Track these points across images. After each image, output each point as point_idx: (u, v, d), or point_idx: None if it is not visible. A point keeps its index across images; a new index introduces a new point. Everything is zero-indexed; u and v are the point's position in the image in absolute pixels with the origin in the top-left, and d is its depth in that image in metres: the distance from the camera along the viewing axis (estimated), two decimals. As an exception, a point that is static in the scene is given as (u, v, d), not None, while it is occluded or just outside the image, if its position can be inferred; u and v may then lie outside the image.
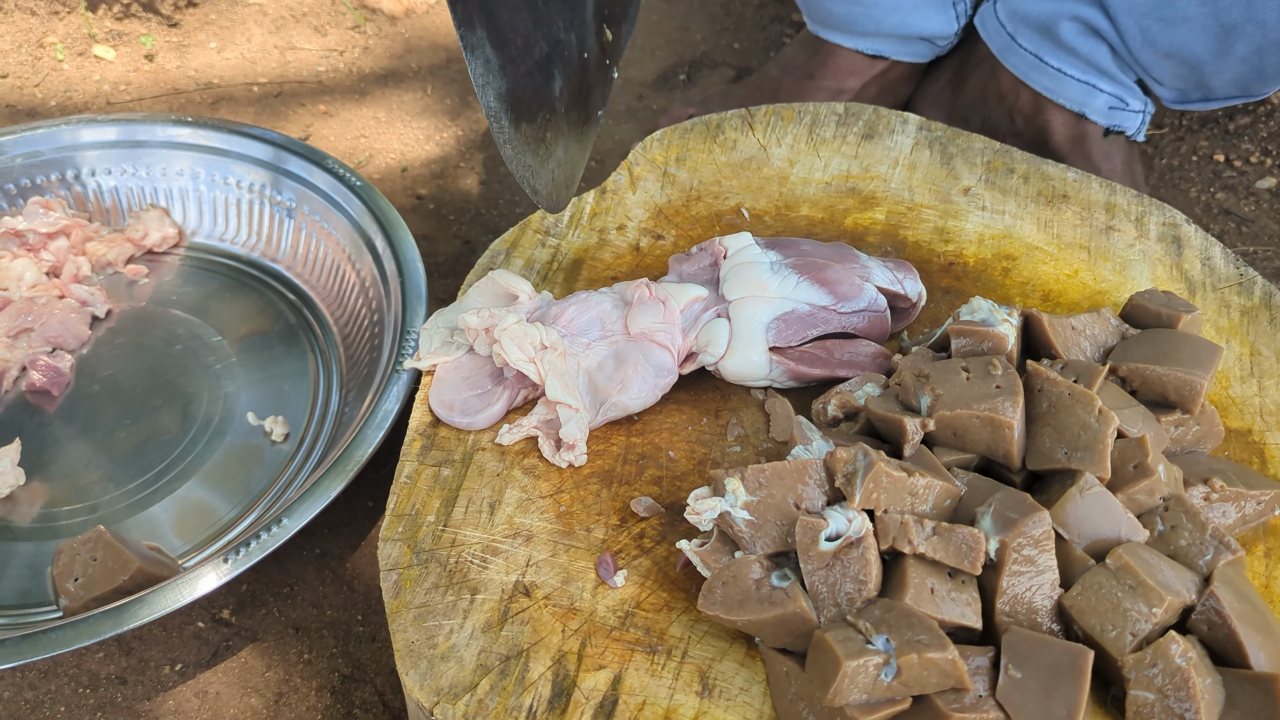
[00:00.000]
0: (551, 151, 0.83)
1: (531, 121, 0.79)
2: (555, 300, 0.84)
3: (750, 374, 0.80)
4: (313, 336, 1.08)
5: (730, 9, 1.59)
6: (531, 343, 0.78)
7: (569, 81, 0.82)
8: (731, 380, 0.81)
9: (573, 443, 0.76)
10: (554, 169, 0.83)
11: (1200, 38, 1.05)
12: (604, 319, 0.82)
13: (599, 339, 0.81)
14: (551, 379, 0.77)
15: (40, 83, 1.43)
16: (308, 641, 0.90)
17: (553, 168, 0.83)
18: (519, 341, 0.78)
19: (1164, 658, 0.59)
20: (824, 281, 0.81)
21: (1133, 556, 0.62)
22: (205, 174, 1.15)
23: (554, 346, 0.79)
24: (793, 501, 0.66)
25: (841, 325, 0.81)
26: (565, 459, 0.77)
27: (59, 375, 1.03)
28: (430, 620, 0.68)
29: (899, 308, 0.85)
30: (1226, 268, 0.89)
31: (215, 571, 0.80)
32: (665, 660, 0.66)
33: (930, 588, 0.62)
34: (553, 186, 0.84)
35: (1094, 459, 0.66)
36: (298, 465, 0.98)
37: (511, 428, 0.78)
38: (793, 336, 0.80)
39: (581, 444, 0.77)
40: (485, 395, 0.80)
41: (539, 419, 0.78)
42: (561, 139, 0.83)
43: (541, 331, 0.79)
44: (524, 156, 0.80)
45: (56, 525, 0.93)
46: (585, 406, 0.78)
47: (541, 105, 0.80)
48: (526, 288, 0.84)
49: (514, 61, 0.76)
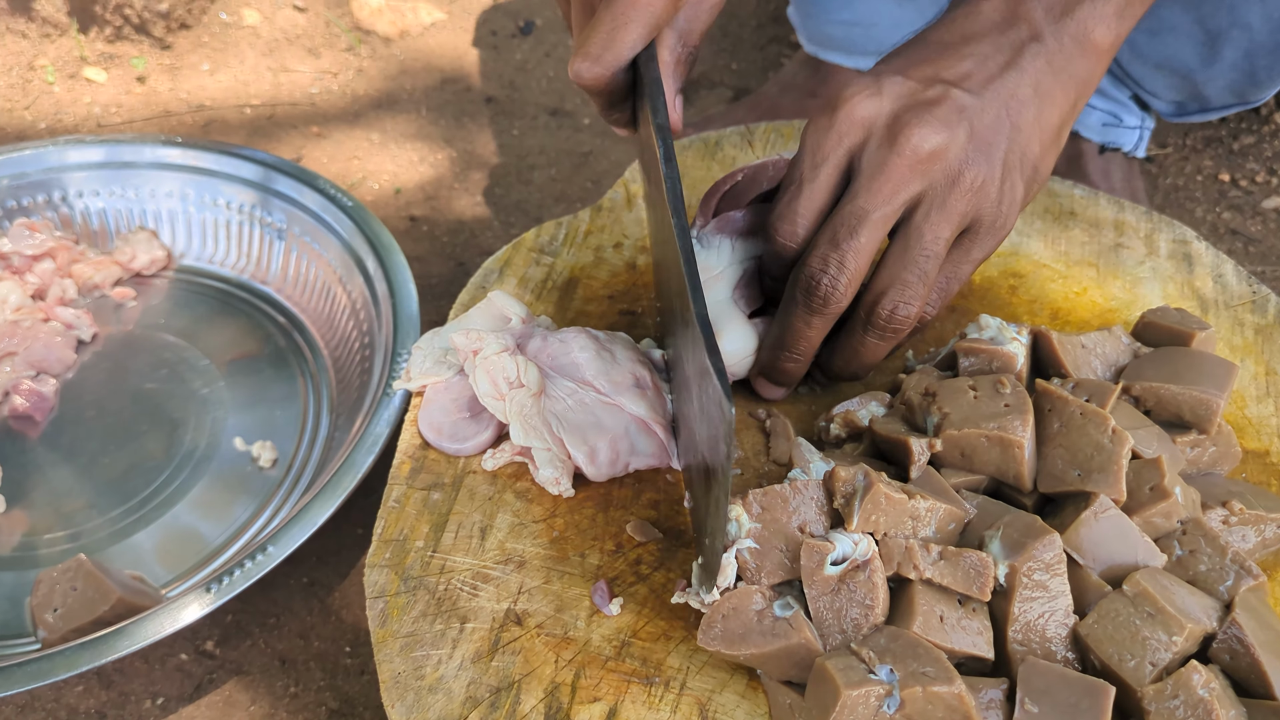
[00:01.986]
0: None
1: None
2: (540, 331, 0.80)
3: (747, 348, 0.77)
4: (302, 360, 1.06)
5: (728, 30, 1.58)
6: (506, 377, 0.75)
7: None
8: (740, 370, 0.78)
9: (552, 479, 0.73)
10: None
11: (1188, 46, 1.04)
12: (582, 365, 0.77)
13: (577, 386, 0.77)
14: (515, 422, 0.73)
15: (30, 105, 1.41)
16: (294, 674, 0.87)
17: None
18: (491, 374, 0.75)
19: (1185, 689, 0.56)
20: (748, 232, 0.79)
21: (1151, 582, 0.60)
22: (194, 195, 1.13)
23: (529, 385, 0.75)
24: (796, 526, 0.63)
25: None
26: (554, 489, 0.74)
27: (43, 400, 1.00)
28: (418, 650, 0.65)
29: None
30: (1239, 285, 0.86)
31: (198, 601, 0.77)
32: (663, 692, 0.63)
33: (939, 615, 0.59)
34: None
35: (1108, 480, 0.63)
36: (285, 492, 0.95)
37: (495, 452, 0.76)
38: (756, 296, 0.78)
39: (565, 480, 0.73)
40: (475, 420, 0.77)
41: (515, 449, 0.75)
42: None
43: (520, 366, 0.75)
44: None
45: (36, 554, 0.91)
46: (555, 446, 0.74)
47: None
48: (519, 311, 0.82)
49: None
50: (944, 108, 0.68)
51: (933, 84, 0.69)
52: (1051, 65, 0.71)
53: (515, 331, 0.80)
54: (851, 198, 0.69)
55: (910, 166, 0.67)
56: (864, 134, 0.69)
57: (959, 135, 0.68)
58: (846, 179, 0.71)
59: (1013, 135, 0.70)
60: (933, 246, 0.69)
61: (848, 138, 0.69)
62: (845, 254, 0.68)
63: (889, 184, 0.68)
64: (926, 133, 0.67)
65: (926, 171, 0.68)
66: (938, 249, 0.69)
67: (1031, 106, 0.70)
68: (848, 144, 0.69)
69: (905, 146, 0.67)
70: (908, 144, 0.67)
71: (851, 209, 0.68)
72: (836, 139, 0.69)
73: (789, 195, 0.71)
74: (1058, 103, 0.72)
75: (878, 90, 0.69)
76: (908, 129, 0.67)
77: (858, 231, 0.68)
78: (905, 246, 0.69)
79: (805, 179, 0.70)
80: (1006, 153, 0.70)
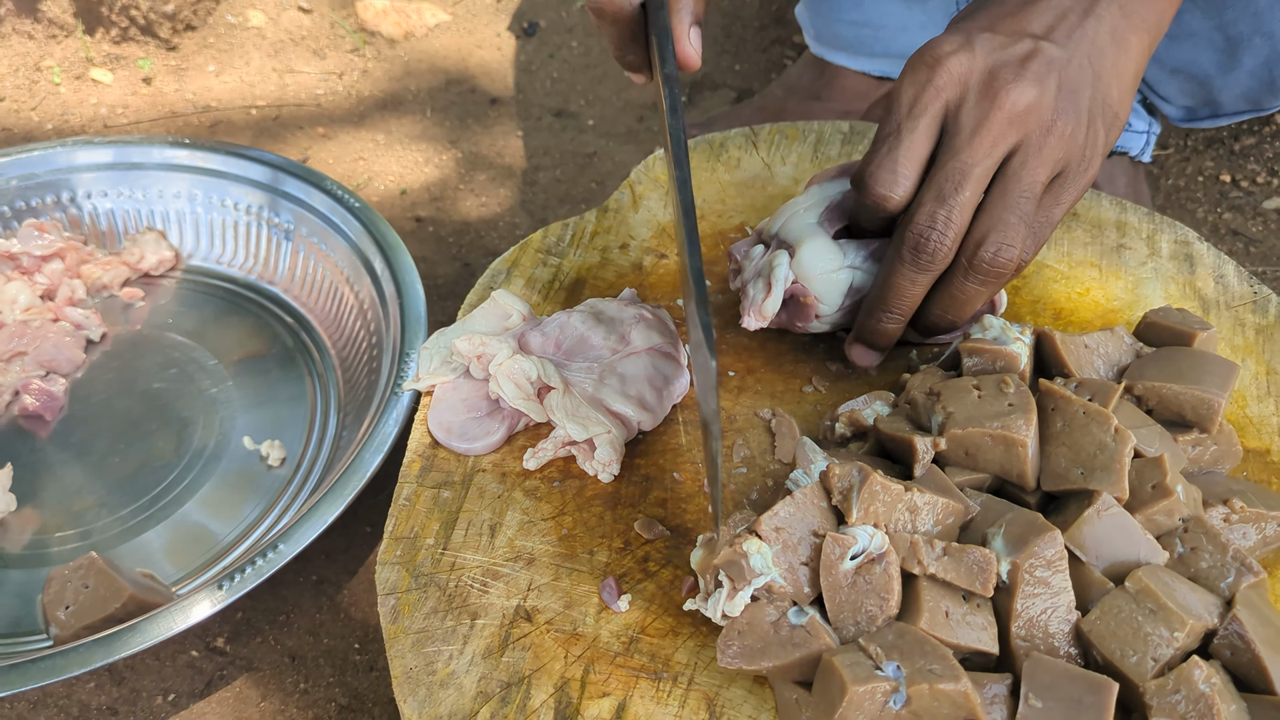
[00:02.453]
0: None
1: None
2: (533, 325, 0.82)
3: (830, 262, 0.77)
4: (310, 360, 1.07)
5: (731, 31, 1.58)
6: (529, 378, 0.77)
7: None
8: (820, 291, 0.78)
9: (609, 461, 0.75)
10: None
11: (1207, 52, 1.04)
12: (587, 339, 0.81)
13: (591, 361, 0.80)
14: (570, 424, 0.75)
15: (37, 106, 1.42)
16: (304, 671, 0.88)
17: None
18: (514, 378, 0.77)
19: (1187, 684, 0.57)
20: (840, 175, 0.81)
21: (1153, 579, 0.61)
22: (202, 196, 1.14)
23: (557, 384, 0.77)
24: (811, 531, 0.63)
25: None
26: (595, 469, 0.76)
27: (52, 399, 1.01)
28: (429, 646, 0.66)
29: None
30: (1240, 286, 0.87)
31: (209, 599, 0.78)
32: (671, 687, 0.64)
33: (945, 611, 0.60)
34: None
35: (1111, 479, 0.64)
36: (294, 490, 0.96)
37: (536, 451, 0.77)
38: (842, 218, 0.79)
39: (616, 462, 0.75)
40: (484, 420, 0.78)
41: (562, 441, 0.76)
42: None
43: (537, 366, 0.77)
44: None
45: (48, 552, 0.92)
46: (608, 426, 0.76)
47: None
48: (522, 309, 0.83)
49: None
50: (1036, 62, 0.70)
51: (1021, 38, 0.72)
52: (1125, 11, 0.73)
53: (515, 330, 0.81)
54: (954, 153, 0.71)
55: (1009, 120, 0.70)
56: (960, 89, 0.71)
57: (1049, 87, 0.70)
58: (940, 133, 0.72)
59: (1095, 83, 0.73)
60: (1031, 189, 0.71)
61: (945, 91, 0.71)
62: (952, 210, 0.70)
63: (989, 138, 0.70)
64: (1022, 88, 0.69)
65: (1023, 124, 0.70)
66: (1035, 191, 0.71)
67: (1110, 53, 0.73)
68: (945, 98, 0.71)
69: (1004, 102, 0.69)
70: (1006, 99, 0.69)
71: (955, 164, 0.70)
72: (935, 93, 0.71)
73: (887, 146, 0.72)
74: (1133, 48, 0.74)
75: (970, 46, 0.71)
76: (1004, 85, 0.70)
77: (962, 186, 0.70)
78: (1004, 191, 0.71)
79: (905, 130, 0.72)
80: (1090, 100, 0.72)
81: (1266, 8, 0.97)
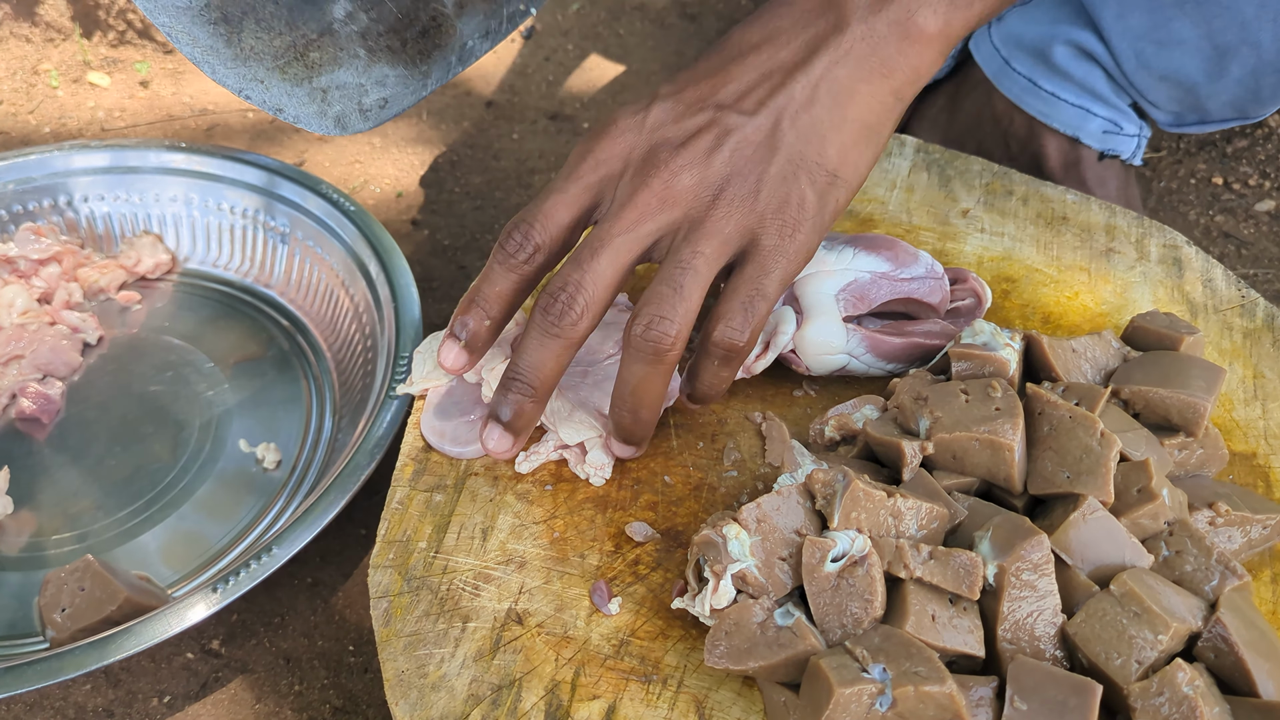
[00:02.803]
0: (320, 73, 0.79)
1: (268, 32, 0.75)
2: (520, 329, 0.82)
3: (829, 344, 0.78)
4: (306, 362, 1.07)
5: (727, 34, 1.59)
6: None
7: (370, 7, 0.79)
8: (811, 365, 0.79)
9: (601, 465, 0.76)
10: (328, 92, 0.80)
11: (1195, 60, 1.05)
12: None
13: (586, 364, 0.81)
14: (564, 428, 0.75)
15: (34, 110, 1.42)
16: (299, 673, 0.88)
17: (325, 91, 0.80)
18: None
19: (1170, 686, 0.58)
20: (879, 248, 0.81)
21: (1137, 582, 0.61)
22: (198, 199, 1.15)
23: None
24: (793, 530, 0.64)
25: (903, 292, 0.80)
26: (588, 473, 0.76)
27: (49, 403, 1.02)
28: (421, 649, 0.67)
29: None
30: (1228, 290, 0.88)
31: (205, 601, 0.79)
32: (660, 690, 0.65)
33: (931, 614, 0.61)
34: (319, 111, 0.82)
35: (1097, 483, 0.65)
36: (290, 493, 0.97)
37: (528, 455, 0.77)
38: (861, 306, 0.79)
39: (609, 466, 0.76)
40: (477, 424, 0.79)
41: (555, 445, 0.77)
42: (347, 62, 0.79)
43: None
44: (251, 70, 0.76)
45: (44, 555, 0.92)
46: (600, 430, 0.76)
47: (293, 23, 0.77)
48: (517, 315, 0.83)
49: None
50: (706, 136, 0.68)
51: (701, 109, 0.69)
52: (853, 57, 0.69)
53: (507, 335, 0.81)
54: (598, 224, 0.69)
55: (660, 199, 0.68)
56: (621, 164, 0.70)
57: (715, 163, 0.68)
58: (598, 202, 0.71)
59: (794, 143, 0.69)
60: (690, 261, 0.67)
61: (603, 167, 0.70)
62: (585, 274, 0.67)
63: (634, 214, 0.68)
64: (676, 168, 0.67)
65: (679, 202, 0.68)
66: (696, 263, 0.67)
67: (822, 107, 0.69)
68: (602, 173, 0.70)
69: (654, 180, 0.68)
70: (656, 178, 0.67)
71: (596, 233, 0.68)
72: (593, 165, 0.70)
73: (534, 202, 0.71)
74: (861, 97, 0.69)
75: (643, 120, 0.70)
76: (659, 164, 0.68)
77: (599, 254, 0.67)
78: (662, 270, 0.68)
79: (555, 190, 0.70)
80: (785, 163, 0.68)
81: (1253, 18, 0.98)
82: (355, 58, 0.79)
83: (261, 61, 0.76)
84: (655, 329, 0.66)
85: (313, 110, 0.81)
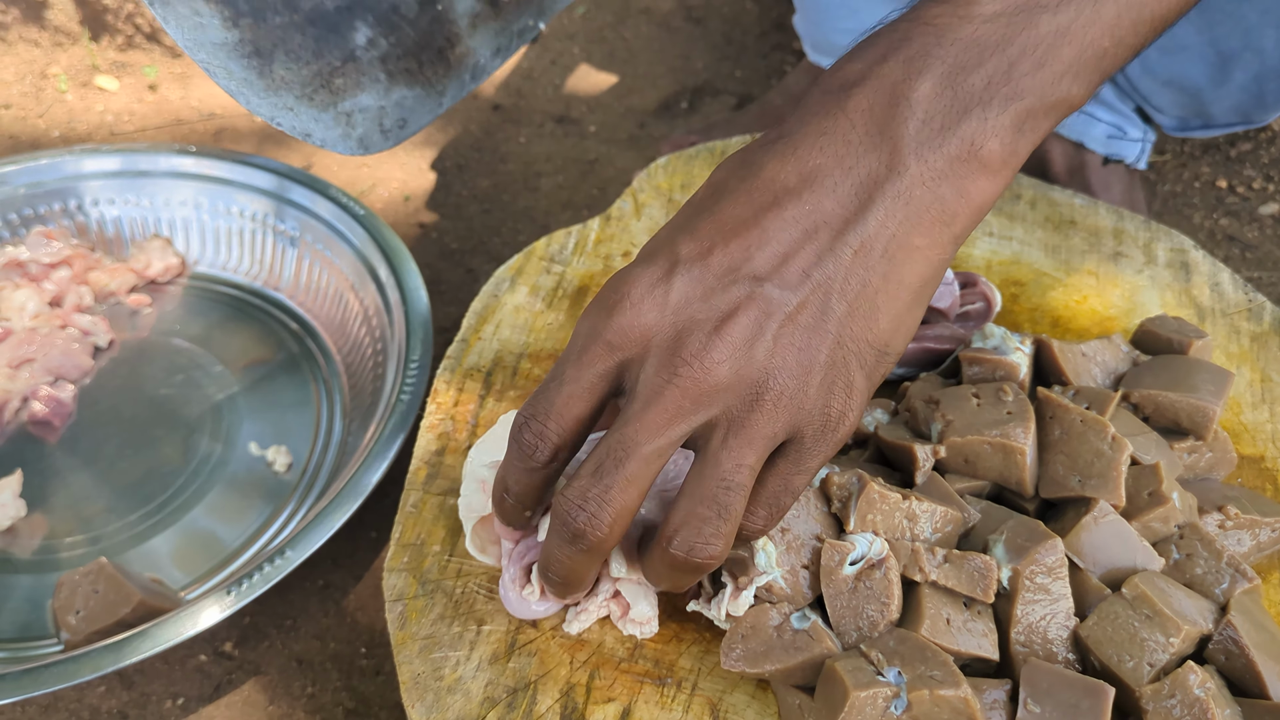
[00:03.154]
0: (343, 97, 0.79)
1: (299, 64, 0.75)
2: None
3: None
4: (315, 366, 1.08)
5: (731, 37, 1.59)
6: None
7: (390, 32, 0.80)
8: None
9: (647, 619, 0.67)
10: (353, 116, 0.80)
11: (1199, 65, 1.05)
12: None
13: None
14: (616, 554, 0.64)
15: (43, 113, 1.43)
16: (311, 675, 0.89)
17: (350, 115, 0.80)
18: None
19: (1182, 688, 0.58)
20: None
21: (1149, 585, 0.62)
22: (208, 203, 1.15)
23: None
24: (813, 536, 0.65)
25: None
26: (632, 630, 0.67)
27: (61, 406, 1.02)
28: (436, 652, 0.67)
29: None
30: (1235, 294, 0.88)
31: (218, 604, 0.79)
32: (675, 692, 0.65)
33: (946, 618, 0.61)
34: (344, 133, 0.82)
35: (1108, 486, 0.65)
36: (301, 496, 0.97)
37: (577, 612, 0.68)
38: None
39: (655, 619, 0.67)
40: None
41: (605, 597, 0.67)
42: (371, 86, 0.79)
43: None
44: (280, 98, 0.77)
45: (57, 557, 0.93)
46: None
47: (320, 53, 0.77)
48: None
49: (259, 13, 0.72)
50: (742, 321, 0.56)
51: (734, 280, 0.56)
52: (911, 206, 0.57)
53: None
54: (622, 424, 0.56)
55: (693, 400, 0.55)
56: (641, 348, 0.57)
57: (757, 355, 0.56)
58: (618, 387, 0.59)
59: (844, 323, 0.57)
60: (734, 476, 0.56)
61: (620, 352, 0.57)
62: (609, 489, 0.56)
63: (664, 414, 0.55)
64: (712, 363, 0.55)
65: (717, 399, 0.56)
66: (740, 479, 0.56)
67: (875, 273, 0.57)
68: (619, 358, 0.57)
69: (685, 378, 0.55)
70: (689, 374, 0.55)
71: (619, 438, 0.56)
72: (606, 349, 0.57)
73: (541, 390, 0.59)
74: (919, 253, 0.58)
75: (665, 296, 0.57)
76: (692, 356, 0.55)
77: (624, 463, 0.55)
78: (700, 479, 0.56)
79: (566, 378, 0.58)
80: (833, 349, 0.57)
81: (1257, 24, 0.98)
82: (376, 82, 0.80)
83: (291, 90, 0.77)
84: (698, 555, 0.56)
85: (338, 133, 0.82)
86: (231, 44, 0.73)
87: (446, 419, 0.82)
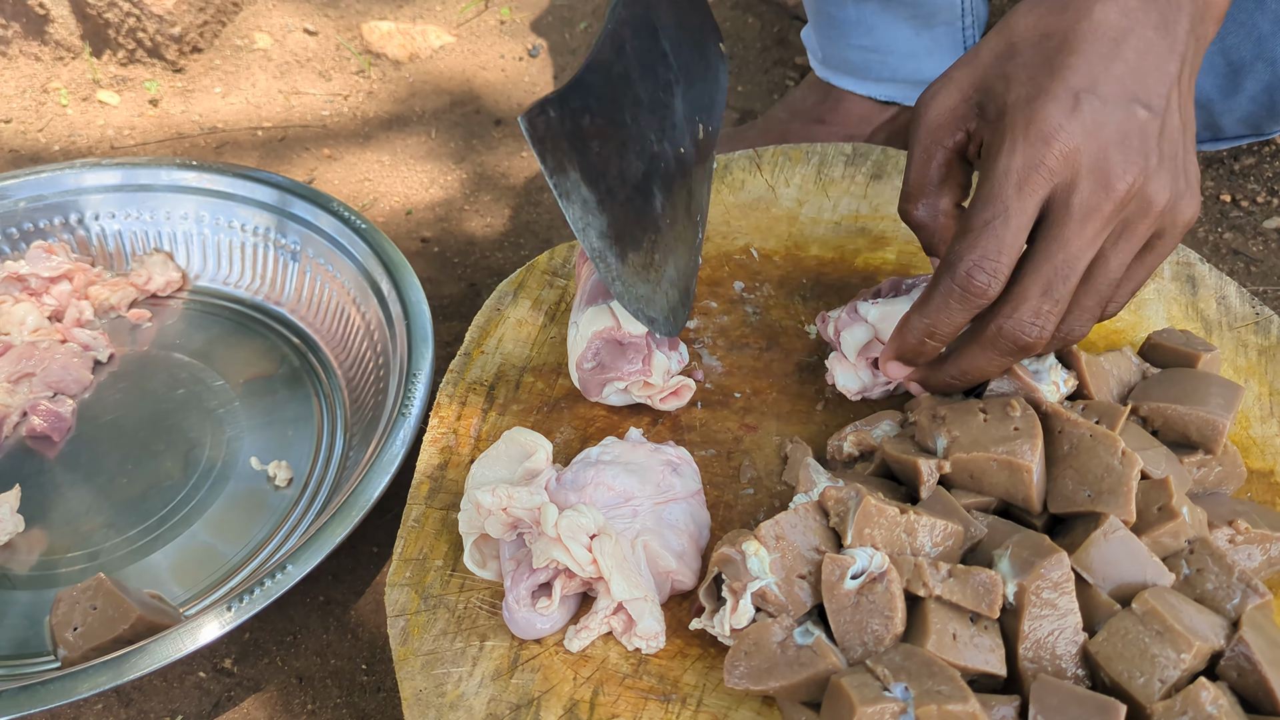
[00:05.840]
0: (662, 272, 0.78)
1: (638, 249, 0.75)
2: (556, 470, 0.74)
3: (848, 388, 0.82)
4: (317, 380, 1.07)
5: (733, 53, 1.59)
6: (588, 532, 0.67)
7: (670, 194, 0.79)
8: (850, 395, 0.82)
9: (653, 635, 0.67)
10: (667, 290, 0.78)
11: (1209, 76, 1.05)
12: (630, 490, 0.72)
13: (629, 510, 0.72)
14: (616, 577, 0.66)
15: (44, 128, 1.43)
16: (311, 691, 0.88)
17: (665, 289, 0.78)
18: (579, 539, 0.67)
19: (1194, 705, 0.58)
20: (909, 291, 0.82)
21: (1159, 601, 0.61)
22: (209, 217, 1.15)
23: (605, 532, 0.67)
24: (812, 548, 0.64)
25: None
26: (637, 644, 0.68)
27: (60, 420, 1.02)
28: (439, 668, 0.67)
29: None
30: (1242, 307, 0.88)
31: (217, 620, 0.78)
32: (679, 709, 0.65)
33: (952, 633, 0.61)
34: (668, 310, 0.78)
35: (1118, 501, 0.65)
36: (301, 511, 0.96)
37: (578, 629, 0.68)
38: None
39: (662, 634, 0.67)
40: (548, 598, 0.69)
41: (605, 614, 0.67)
42: (671, 255, 0.79)
43: (589, 515, 0.67)
44: (636, 288, 0.75)
45: (56, 573, 0.92)
46: (653, 590, 0.68)
47: (645, 228, 0.76)
48: (548, 447, 0.74)
49: (612, 193, 0.72)
50: (1142, 137, 0.64)
51: (1127, 103, 0.65)
52: (1195, 35, 0.67)
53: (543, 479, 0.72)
54: (1063, 244, 0.64)
55: (1117, 208, 0.64)
56: (1072, 172, 0.64)
57: (1151, 161, 0.64)
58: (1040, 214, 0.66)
59: (1185, 131, 0.67)
60: (1117, 273, 0.67)
61: (1057, 175, 0.64)
62: (1059, 306, 0.65)
63: (1096, 228, 0.64)
64: (1133, 173, 0.63)
65: (1127, 209, 0.65)
66: (1118, 276, 0.67)
67: (1190, 89, 0.68)
68: (1055, 181, 0.64)
69: (1117, 190, 0.63)
70: (1118, 187, 0.63)
71: (1065, 258, 0.64)
72: (1046, 175, 0.64)
73: (992, 231, 0.64)
74: (1196, 74, 0.69)
75: (1079, 115, 0.64)
76: (1117, 172, 0.64)
77: (1070, 280, 0.65)
78: (1091, 277, 0.66)
79: (1013, 213, 0.64)
80: (1186, 155, 0.67)
81: (1269, 34, 0.98)
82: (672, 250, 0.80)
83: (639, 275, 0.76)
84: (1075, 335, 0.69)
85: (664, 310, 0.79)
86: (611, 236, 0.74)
87: (449, 433, 0.81)
